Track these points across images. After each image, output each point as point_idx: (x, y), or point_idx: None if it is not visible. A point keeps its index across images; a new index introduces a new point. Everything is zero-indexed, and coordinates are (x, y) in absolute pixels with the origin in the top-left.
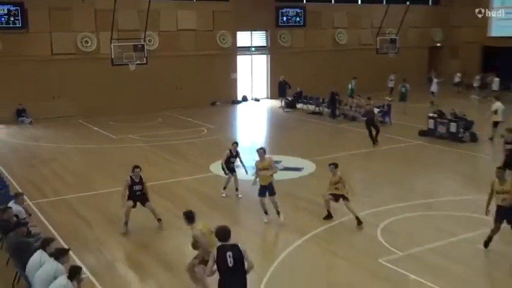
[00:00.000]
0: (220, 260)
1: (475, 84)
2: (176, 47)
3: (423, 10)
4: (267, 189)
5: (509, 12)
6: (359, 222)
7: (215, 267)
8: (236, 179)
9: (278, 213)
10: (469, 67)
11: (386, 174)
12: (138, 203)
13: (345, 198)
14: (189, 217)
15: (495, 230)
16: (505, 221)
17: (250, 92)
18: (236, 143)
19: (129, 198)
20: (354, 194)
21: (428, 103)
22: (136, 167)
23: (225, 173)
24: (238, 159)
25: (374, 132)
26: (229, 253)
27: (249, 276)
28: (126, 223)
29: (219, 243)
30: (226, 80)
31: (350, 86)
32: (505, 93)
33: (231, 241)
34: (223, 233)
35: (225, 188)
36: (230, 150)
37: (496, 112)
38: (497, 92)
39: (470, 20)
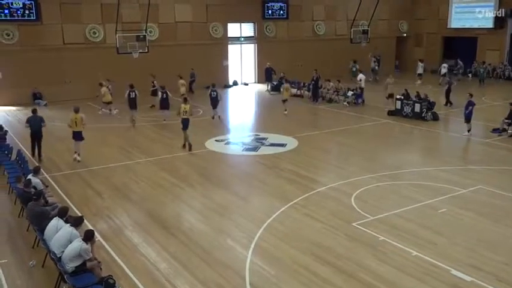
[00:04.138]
0: None
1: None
2: (174, 37)
3: (392, 4)
4: None
5: (465, 6)
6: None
7: None
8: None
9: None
10: (431, 54)
11: (359, 149)
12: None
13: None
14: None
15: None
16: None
17: (240, 77)
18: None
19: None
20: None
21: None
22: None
23: None
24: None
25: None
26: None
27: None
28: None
29: None
30: (218, 66)
31: (353, 68)
32: (464, 77)
33: None
34: None
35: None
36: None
37: (360, 80)
38: (421, 75)
39: (432, 14)
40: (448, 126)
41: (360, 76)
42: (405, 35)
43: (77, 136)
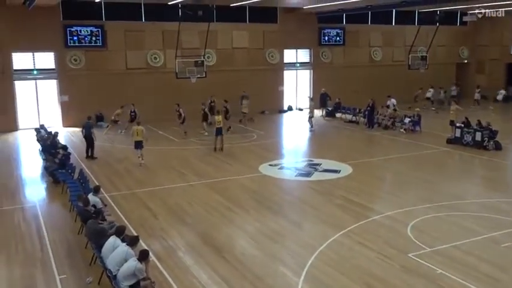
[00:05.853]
0: None
1: (453, 93)
2: (231, 63)
3: (451, 31)
4: None
5: None
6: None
7: None
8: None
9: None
10: (494, 81)
11: (416, 177)
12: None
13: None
14: None
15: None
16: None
17: (295, 102)
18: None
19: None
20: None
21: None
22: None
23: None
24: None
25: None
26: None
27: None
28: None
29: None
30: (274, 91)
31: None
32: None
33: None
34: None
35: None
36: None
37: (394, 105)
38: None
39: (495, 40)
40: (511, 156)
41: (392, 101)
42: (465, 61)
43: (138, 145)
